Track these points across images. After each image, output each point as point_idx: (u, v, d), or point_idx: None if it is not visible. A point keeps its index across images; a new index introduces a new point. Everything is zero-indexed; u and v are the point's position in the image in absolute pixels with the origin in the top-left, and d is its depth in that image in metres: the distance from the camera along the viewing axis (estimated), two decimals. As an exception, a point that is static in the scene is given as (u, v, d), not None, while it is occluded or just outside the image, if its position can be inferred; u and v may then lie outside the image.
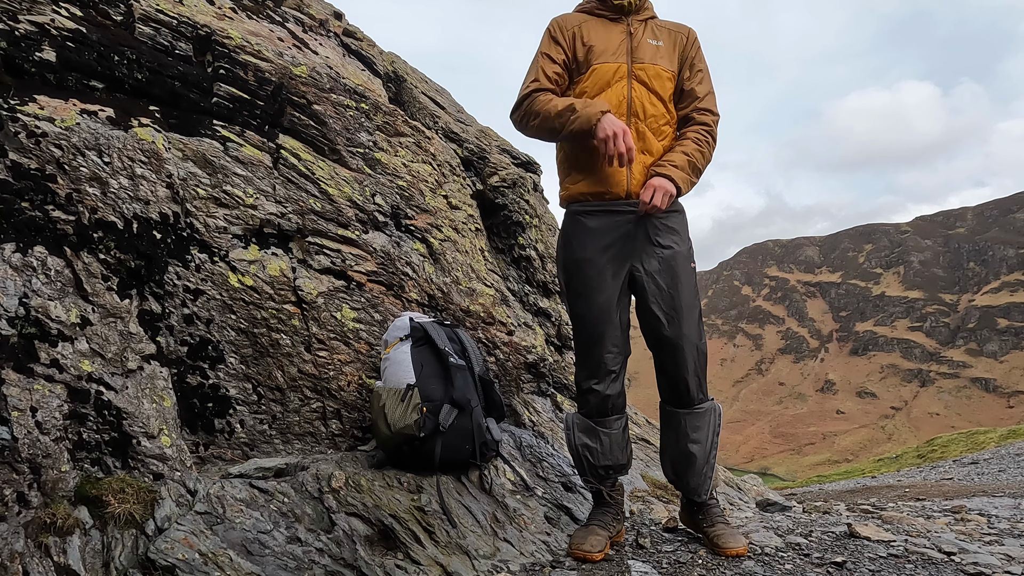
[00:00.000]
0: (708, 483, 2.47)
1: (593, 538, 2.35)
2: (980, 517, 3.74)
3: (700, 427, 2.41)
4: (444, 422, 2.33)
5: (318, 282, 2.63)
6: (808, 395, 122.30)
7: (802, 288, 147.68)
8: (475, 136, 4.15)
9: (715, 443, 2.45)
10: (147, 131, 2.36)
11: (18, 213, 1.99)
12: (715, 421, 2.45)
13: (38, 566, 1.72)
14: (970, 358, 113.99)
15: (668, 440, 2.49)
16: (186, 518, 2.01)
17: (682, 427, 2.42)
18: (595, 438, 2.45)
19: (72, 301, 2.04)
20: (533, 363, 3.35)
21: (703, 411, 2.42)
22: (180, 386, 2.33)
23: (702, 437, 2.41)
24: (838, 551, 2.45)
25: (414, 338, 2.51)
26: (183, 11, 2.78)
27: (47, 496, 1.84)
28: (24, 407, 1.81)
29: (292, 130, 2.85)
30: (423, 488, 2.35)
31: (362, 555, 2.09)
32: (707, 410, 2.43)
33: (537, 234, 4.02)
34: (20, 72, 2.21)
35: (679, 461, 2.45)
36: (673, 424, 2.46)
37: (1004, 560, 2.43)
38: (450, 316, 3.04)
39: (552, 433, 3.26)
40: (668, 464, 2.53)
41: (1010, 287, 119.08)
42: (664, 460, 2.55)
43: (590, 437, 2.45)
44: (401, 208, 3.06)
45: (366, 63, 4.03)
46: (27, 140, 2.07)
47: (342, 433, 2.64)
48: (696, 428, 2.41)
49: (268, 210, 2.60)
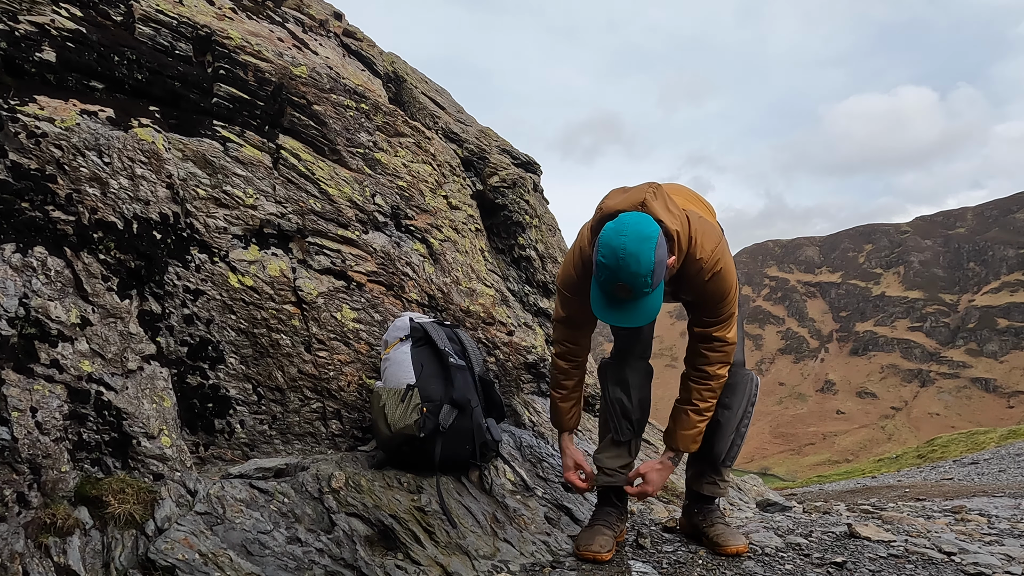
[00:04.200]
0: (734, 451, 2.45)
1: (601, 538, 2.34)
2: (980, 517, 3.74)
3: (735, 392, 2.40)
4: (444, 422, 2.33)
5: (318, 282, 2.63)
6: (808, 395, 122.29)
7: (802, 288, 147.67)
8: (475, 136, 4.15)
9: (748, 412, 2.43)
10: (147, 131, 2.36)
11: (18, 213, 1.99)
12: (751, 391, 2.44)
13: (38, 566, 1.72)
14: (970, 358, 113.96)
15: None
16: (186, 518, 2.01)
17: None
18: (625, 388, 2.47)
19: (72, 301, 2.04)
20: (533, 363, 3.35)
21: (740, 377, 2.41)
22: (180, 386, 2.33)
23: (734, 403, 2.40)
24: (838, 551, 2.45)
25: (414, 338, 2.51)
26: (183, 11, 2.78)
27: (47, 496, 1.84)
28: (24, 407, 1.81)
29: (292, 130, 2.85)
30: (423, 488, 2.35)
31: (362, 555, 2.09)
32: (744, 378, 2.42)
33: (537, 234, 4.02)
34: (20, 72, 2.21)
35: (709, 423, 2.41)
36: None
37: (1004, 560, 2.43)
38: (450, 316, 3.04)
39: (552, 433, 3.26)
40: None
41: (1010, 287, 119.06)
42: None
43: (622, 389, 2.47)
44: (401, 208, 3.06)
45: (366, 63, 4.04)
46: (27, 140, 2.07)
47: (342, 433, 2.64)
48: (731, 392, 2.39)
49: (268, 210, 2.60)
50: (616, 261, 1.90)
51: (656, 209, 2.04)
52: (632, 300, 1.97)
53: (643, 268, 1.89)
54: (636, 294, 1.95)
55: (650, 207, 2.03)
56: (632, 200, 2.06)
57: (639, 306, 1.98)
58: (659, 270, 1.93)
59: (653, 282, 1.93)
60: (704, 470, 2.51)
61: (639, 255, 1.89)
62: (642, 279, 1.91)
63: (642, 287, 1.92)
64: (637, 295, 1.95)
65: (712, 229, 2.19)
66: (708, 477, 2.50)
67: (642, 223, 1.95)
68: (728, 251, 2.22)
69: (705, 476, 2.51)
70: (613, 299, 2.00)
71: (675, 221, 2.06)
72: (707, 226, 2.18)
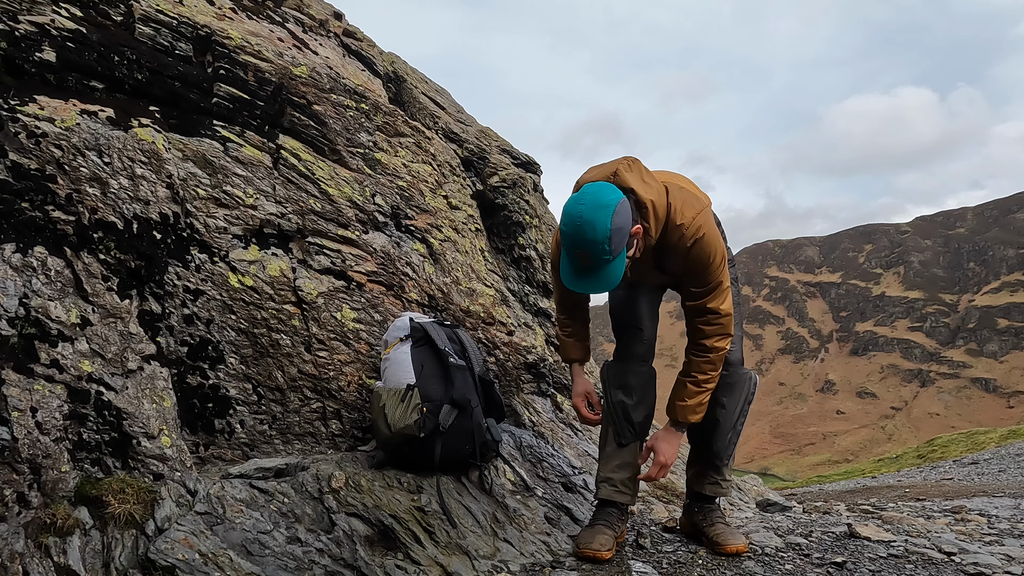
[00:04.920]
0: (730, 450, 2.47)
1: (601, 537, 2.35)
2: (980, 517, 3.74)
3: (733, 391, 2.42)
4: (444, 422, 2.33)
5: (318, 282, 2.63)
6: (808, 395, 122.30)
7: (802, 288, 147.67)
8: (475, 136, 4.15)
9: (745, 411, 2.45)
10: (147, 131, 2.36)
11: (18, 213, 1.99)
12: (749, 389, 2.46)
13: (38, 566, 1.72)
14: (970, 358, 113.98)
15: None
16: (186, 518, 2.01)
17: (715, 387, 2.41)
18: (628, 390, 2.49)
19: (72, 301, 2.04)
20: (533, 363, 3.35)
21: (738, 376, 2.44)
22: (180, 386, 2.33)
23: (731, 402, 2.42)
24: (838, 551, 2.45)
25: (414, 338, 2.51)
26: (183, 11, 2.78)
27: (47, 496, 1.84)
28: (24, 407, 1.81)
29: (292, 130, 2.85)
30: (423, 488, 2.35)
31: (362, 555, 2.09)
32: (742, 376, 2.45)
33: (537, 234, 4.03)
34: (20, 72, 2.21)
35: (705, 423, 2.43)
36: None
37: (1004, 560, 2.43)
38: (450, 316, 3.04)
39: (552, 433, 3.26)
40: (694, 425, 2.48)
41: (1010, 287, 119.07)
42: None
43: (625, 393, 2.49)
44: (401, 208, 3.06)
45: (366, 63, 4.04)
46: (27, 140, 2.07)
47: (342, 433, 2.64)
48: (729, 391, 2.42)
49: (268, 210, 2.60)
50: (574, 228, 1.95)
51: (628, 179, 2.07)
52: (593, 268, 2.01)
53: (599, 235, 1.92)
54: (596, 261, 1.98)
55: (622, 177, 2.07)
56: (604, 172, 2.11)
57: (601, 274, 2.01)
58: (617, 237, 1.95)
59: (612, 249, 1.95)
60: (704, 470, 2.52)
61: (595, 222, 1.92)
62: (599, 246, 1.94)
63: (600, 254, 1.95)
64: (597, 263, 1.98)
65: (694, 198, 2.20)
66: (709, 477, 2.51)
67: (601, 192, 1.98)
68: (712, 221, 2.23)
69: (706, 476, 2.52)
70: (577, 267, 2.04)
71: (649, 191, 2.09)
72: (688, 195, 2.19)
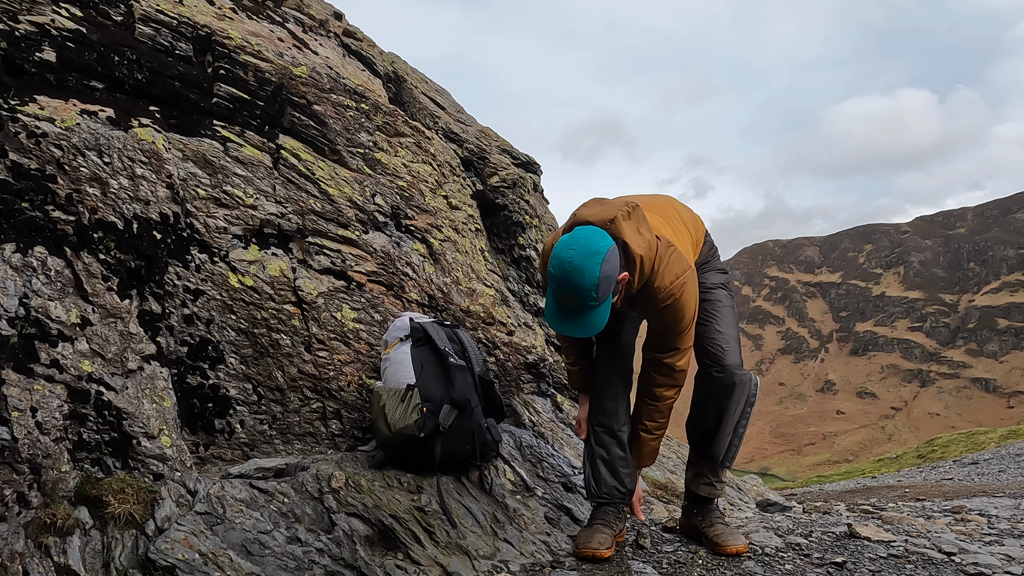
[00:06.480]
0: (732, 451, 2.45)
1: (600, 536, 2.35)
2: (980, 517, 3.74)
3: (733, 393, 2.40)
4: (444, 422, 2.33)
5: (318, 282, 2.63)
6: (808, 395, 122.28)
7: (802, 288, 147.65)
8: (475, 136, 4.15)
9: (747, 413, 2.43)
10: (147, 131, 2.36)
11: (18, 213, 1.99)
12: (750, 391, 2.43)
13: (38, 566, 1.72)
14: (970, 358, 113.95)
15: (697, 400, 2.48)
16: (186, 518, 2.01)
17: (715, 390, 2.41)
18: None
19: (72, 301, 2.04)
20: (533, 363, 3.35)
21: (738, 379, 2.41)
22: (180, 386, 2.33)
23: (732, 404, 2.39)
24: (838, 551, 2.45)
25: (414, 338, 2.51)
26: (183, 11, 2.78)
27: (47, 496, 1.84)
28: (24, 407, 1.81)
29: (292, 130, 2.85)
30: (423, 488, 2.35)
31: (362, 555, 2.09)
32: (742, 379, 2.42)
33: (537, 234, 4.03)
34: (20, 72, 2.21)
35: (706, 424, 2.43)
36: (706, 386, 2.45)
37: (1004, 560, 2.43)
38: (450, 316, 3.04)
39: (552, 433, 3.26)
40: (694, 427, 2.50)
41: (1010, 287, 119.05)
42: (690, 422, 2.53)
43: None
44: (401, 208, 3.06)
45: (366, 63, 4.04)
46: (27, 140, 2.07)
47: (342, 433, 2.64)
48: (729, 393, 2.39)
49: (268, 210, 2.60)
50: (563, 273, 1.94)
51: (623, 229, 2.04)
52: (578, 311, 2.00)
53: (587, 282, 1.92)
54: (581, 306, 1.97)
55: (618, 226, 2.04)
56: (603, 215, 2.07)
57: (586, 318, 2.01)
58: (605, 285, 1.94)
59: (599, 296, 1.95)
60: (702, 471, 2.52)
61: (584, 269, 1.91)
62: (586, 292, 1.93)
63: (587, 300, 1.95)
64: (583, 307, 1.98)
65: (679, 259, 2.18)
66: (705, 478, 2.51)
67: (593, 238, 1.96)
68: (693, 282, 2.20)
69: (703, 477, 2.52)
70: (562, 308, 2.02)
71: (641, 245, 2.07)
72: (675, 256, 2.17)
